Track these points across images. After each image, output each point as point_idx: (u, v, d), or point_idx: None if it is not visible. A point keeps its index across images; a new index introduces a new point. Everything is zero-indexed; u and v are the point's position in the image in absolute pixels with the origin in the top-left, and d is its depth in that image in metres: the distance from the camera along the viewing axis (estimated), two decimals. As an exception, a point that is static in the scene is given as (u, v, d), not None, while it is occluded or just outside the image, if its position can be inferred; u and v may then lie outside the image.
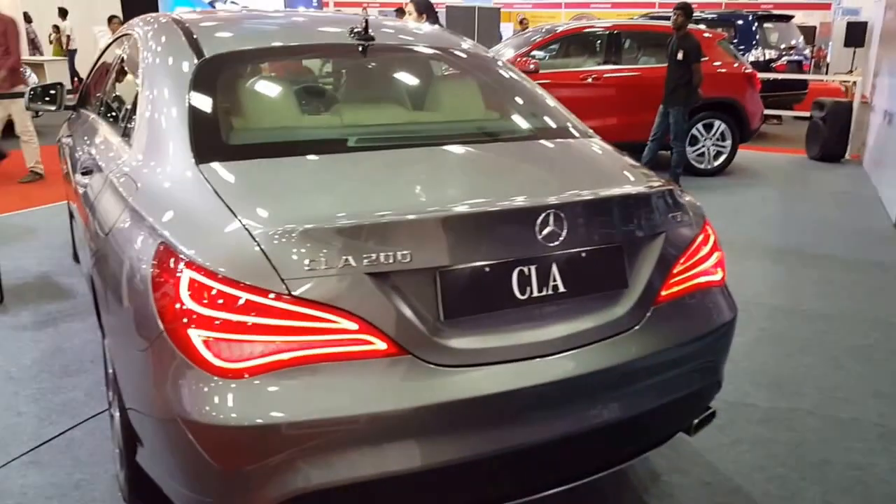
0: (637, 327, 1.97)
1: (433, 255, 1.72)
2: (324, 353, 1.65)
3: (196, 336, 1.63)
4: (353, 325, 1.66)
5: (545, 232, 1.84)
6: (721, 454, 2.78)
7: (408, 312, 1.70)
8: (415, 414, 1.66)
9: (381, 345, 1.67)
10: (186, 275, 1.67)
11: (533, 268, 1.83)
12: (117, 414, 2.30)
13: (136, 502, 2.30)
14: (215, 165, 1.98)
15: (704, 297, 2.17)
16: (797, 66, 12.36)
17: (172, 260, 1.71)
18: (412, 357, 1.69)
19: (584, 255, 1.90)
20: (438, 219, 1.77)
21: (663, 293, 2.05)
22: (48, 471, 2.60)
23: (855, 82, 11.27)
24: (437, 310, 1.73)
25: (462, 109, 2.75)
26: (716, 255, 2.23)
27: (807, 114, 10.57)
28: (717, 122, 8.51)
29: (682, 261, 2.10)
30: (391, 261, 1.68)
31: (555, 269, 1.86)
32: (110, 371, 2.37)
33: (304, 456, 1.62)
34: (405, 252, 1.69)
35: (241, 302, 1.62)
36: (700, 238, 2.19)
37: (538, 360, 1.81)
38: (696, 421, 2.24)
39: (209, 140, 2.08)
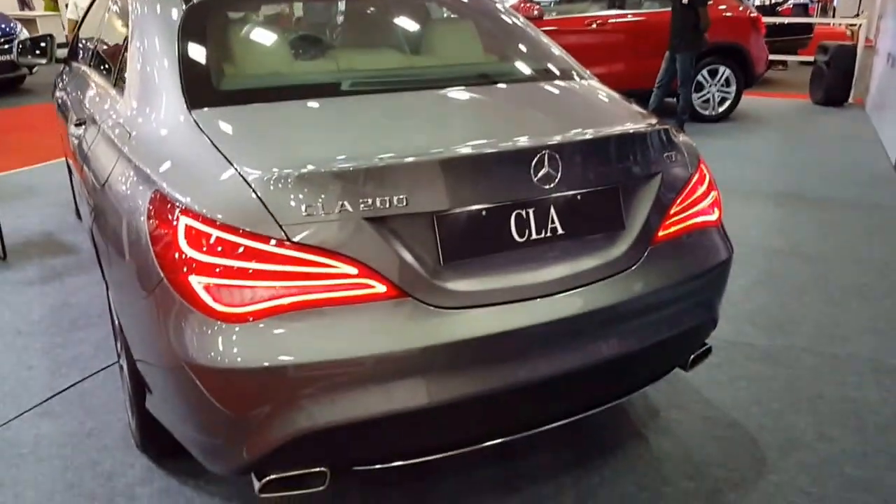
0: (634, 267, 2.00)
1: (430, 199, 1.74)
2: (325, 297, 1.68)
3: (196, 283, 1.67)
4: (353, 270, 1.69)
5: (540, 174, 1.85)
6: (719, 391, 2.83)
7: (407, 256, 1.73)
8: (415, 354, 1.70)
9: (381, 288, 1.70)
10: (183, 222, 1.70)
11: (531, 210, 1.85)
12: (126, 364, 2.36)
13: (147, 448, 2.38)
14: (208, 111, 1.98)
15: (701, 236, 2.19)
16: (803, 10, 12.21)
17: (168, 208, 1.74)
18: (412, 300, 1.72)
19: (580, 197, 1.92)
20: (434, 162, 1.78)
21: (660, 233, 2.07)
22: (60, 420, 2.67)
23: (860, 25, 11.11)
24: (436, 253, 1.76)
25: (459, 53, 2.74)
26: (712, 195, 2.24)
27: (811, 58, 10.45)
28: (721, 68, 8.42)
29: (678, 201, 2.12)
30: (387, 205, 1.70)
31: (553, 211, 1.88)
32: (116, 323, 2.42)
33: (309, 396, 1.67)
34: (401, 196, 1.71)
35: (239, 248, 1.66)
36: (696, 178, 2.20)
37: (538, 300, 1.84)
38: (691, 357, 2.28)
39: (201, 86, 2.08)
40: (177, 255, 1.69)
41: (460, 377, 1.76)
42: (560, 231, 1.89)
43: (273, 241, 1.65)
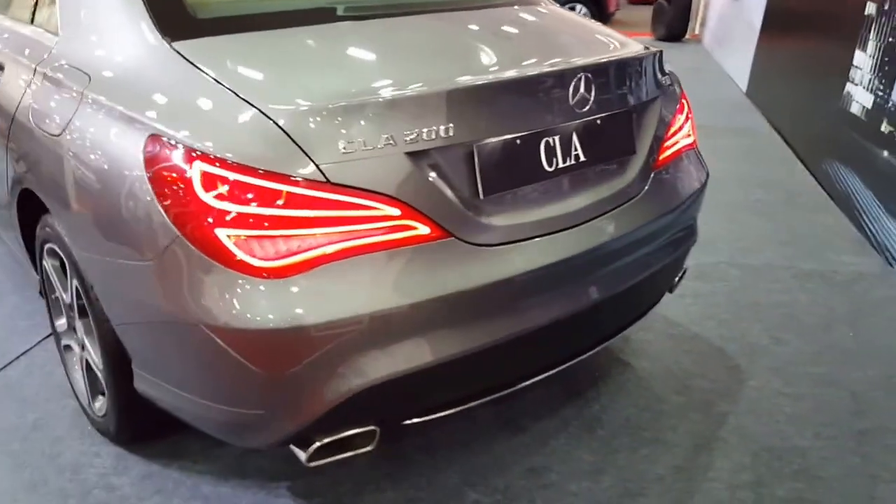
0: (643, 192, 2.01)
1: (472, 127, 1.64)
2: (368, 243, 1.54)
3: (225, 236, 1.48)
4: (396, 211, 1.56)
5: (577, 97, 1.79)
6: (672, 309, 2.95)
7: (448, 192, 1.62)
8: (465, 296, 1.62)
9: (424, 229, 1.59)
10: (198, 168, 1.49)
11: (556, 138, 1.79)
12: (86, 341, 2.08)
13: (121, 433, 2.12)
14: (192, 43, 1.73)
15: (688, 159, 2.25)
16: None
17: (173, 154, 1.52)
18: (454, 239, 1.63)
19: (599, 121, 1.88)
20: (479, 87, 1.67)
21: (660, 157, 2.09)
22: (-8, 416, 2.33)
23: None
24: (475, 187, 1.67)
25: None
26: (690, 119, 2.29)
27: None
28: (578, 6, 8.65)
29: (672, 124, 2.15)
30: (433, 136, 1.58)
31: (575, 138, 1.83)
32: (67, 296, 2.12)
33: (362, 351, 1.55)
34: (447, 126, 1.59)
35: (271, 194, 1.48)
36: (682, 101, 2.24)
37: (567, 231, 1.81)
38: (676, 278, 2.36)
39: (174, 15, 1.80)
40: (196, 207, 1.48)
41: (507, 316, 1.71)
42: (582, 158, 1.85)
43: (309, 183, 1.49)
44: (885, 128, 3.86)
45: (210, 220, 1.48)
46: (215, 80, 1.61)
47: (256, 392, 1.57)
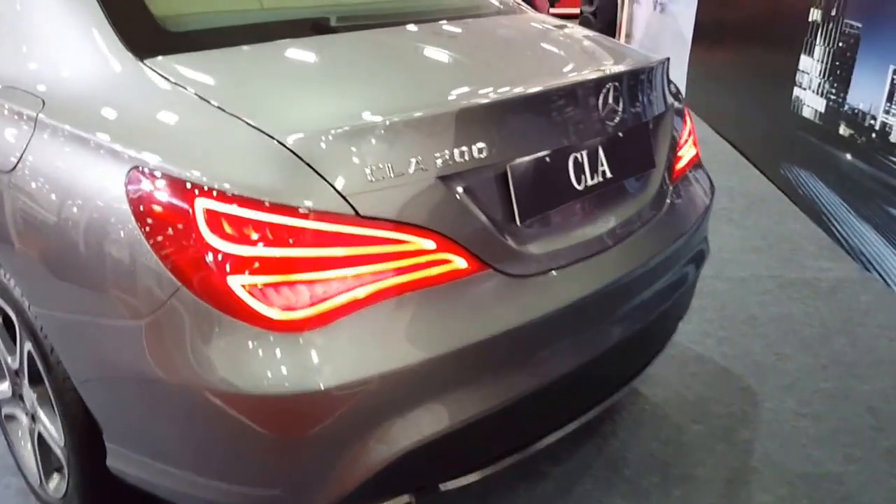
0: (666, 207, 1.86)
1: (505, 146, 1.43)
2: (401, 282, 1.31)
3: (239, 285, 1.22)
4: (431, 244, 1.34)
5: (607, 109, 1.63)
6: (667, 329, 2.81)
7: (483, 219, 1.41)
8: (513, 336, 1.41)
9: (460, 262, 1.38)
10: (200, 205, 1.23)
11: (584, 153, 1.61)
12: (40, 412, 1.77)
13: None
14: (168, 60, 1.46)
15: (697, 170, 2.11)
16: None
17: (167, 188, 1.25)
18: (493, 271, 1.42)
19: (622, 134, 1.71)
20: (512, 101, 1.47)
21: (675, 170, 1.94)
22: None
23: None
24: (511, 211, 1.47)
25: None
26: (693, 130, 2.16)
27: (576, 10, 11.05)
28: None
29: (682, 135, 2.00)
30: (466, 158, 1.36)
31: (601, 153, 1.66)
32: (13, 360, 1.80)
33: (400, 410, 1.32)
34: (480, 145, 1.38)
35: (291, 232, 1.23)
36: (686, 111, 2.10)
37: (603, 254, 1.62)
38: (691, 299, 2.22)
39: (142, 28, 1.53)
40: (201, 253, 1.23)
41: (553, 355, 1.53)
42: (608, 175, 1.68)
43: (335, 218, 1.25)
44: (843, 131, 3.86)
45: (220, 267, 1.22)
46: (206, 100, 1.35)
47: (275, 468, 1.32)
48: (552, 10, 11.78)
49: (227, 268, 1.23)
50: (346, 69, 1.59)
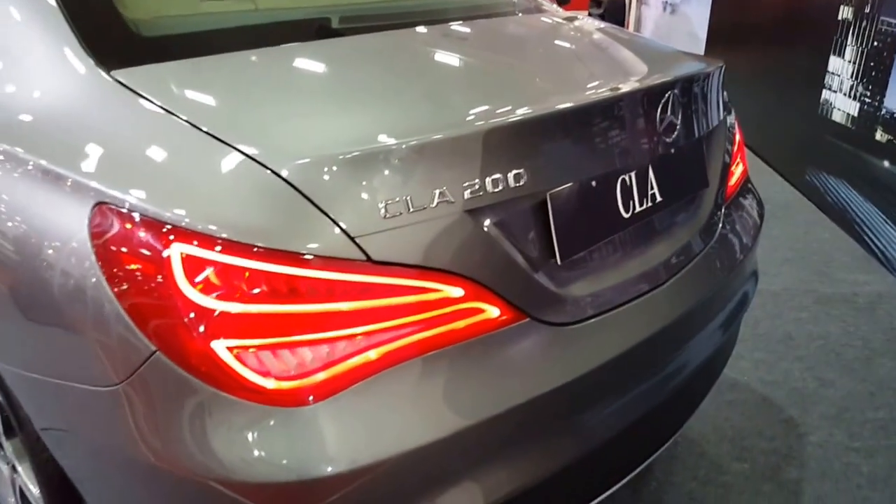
0: (720, 232, 1.64)
1: (544, 172, 1.21)
2: (423, 339, 1.10)
3: (224, 348, 1.01)
4: (459, 291, 1.12)
5: (660, 122, 1.41)
6: (699, 351, 2.63)
7: (519, 259, 1.20)
8: (555, 395, 1.20)
9: (493, 311, 1.16)
10: (177, 250, 1.01)
11: (633, 175, 1.39)
12: (18, 466, 1.60)
13: None
14: (142, 72, 1.24)
15: (747, 186, 1.90)
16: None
17: (138, 230, 1.04)
18: (530, 320, 1.20)
19: (674, 151, 1.49)
20: (551, 118, 1.24)
21: (729, 188, 1.73)
22: None
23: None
24: (550, 248, 1.25)
25: None
26: (742, 142, 1.95)
27: (583, 12, 10.89)
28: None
29: (735, 150, 1.79)
30: (500, 187, 1.14)
31: (651, 174, 1.43)
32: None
33: (433, 489, 1.13)
34: (517, 171, 1.16)
35: (289, 281, 1.02)
36: (737, 122, 1.89)
37: (655, 292, 1.41)
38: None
39: (110, 33, 1.31)
40: (178, 309, 1.01)
41: (601, 413, 1.32)
42: (658, 198, 1.45)
43: (343, 264, 1.03)
44: (880, 136, 3.67)
45: (201, 326, 1.01)
46: (186, 121, 1.13)
47: None
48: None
49: (210, 328, 1.01)
50: (352, 81, 1.37)
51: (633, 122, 1.37)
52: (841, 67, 4.21)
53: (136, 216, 1.04)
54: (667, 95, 1.42)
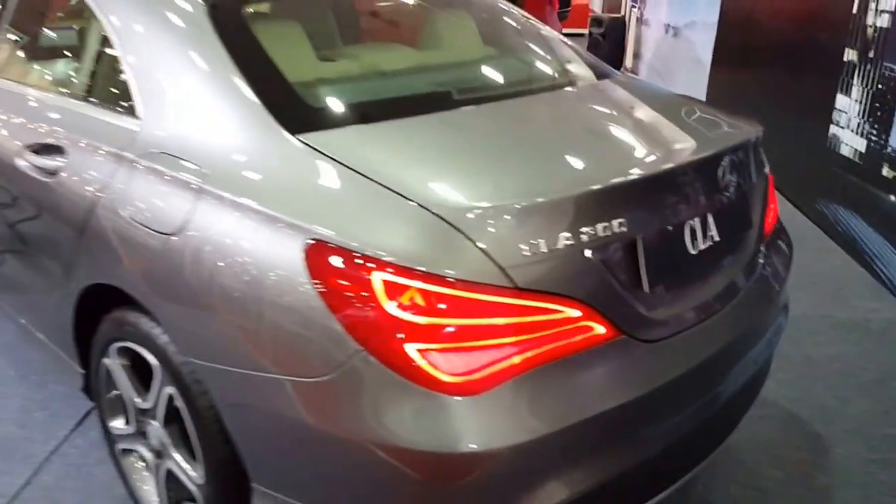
0: (762, 265, 1.97)
1: (639, 219, 1.55)
2: (552, 348, 1.42)
3: (414, 350, 1.33)
4: (578, 312, 1.44)
5: (726, 179, 1.75)
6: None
7: (618, 287, 1.52)
8: (645, 399, 1.52)
9: (600, 329, 1.48)
10: (378, 278, 1.34)
11: (697, 219, 1.72)
12: (172, 451, 1.84)
13: None
14: (320, 136, 1.59)
15: (780, 224, 2.22)
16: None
17: (348, 262, 1.37)
18: (627, 337, 1.52)
19: (727, 199, 1.81)
20: (646, 179, 1.62)
21: (766, 227, 2.05)
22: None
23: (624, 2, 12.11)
24: (641, 280, 1.57)
25: (518, 52, 2.50)
26: (772, 183, 2.26)
27: (583, 31, 11.25)
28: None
29: (771, 190, 2.11)
30: (609, 232, 1.48)
31: (710, 218, 1.76)
32: (144, 401, 1.87)
33: (548, 471, 1.43)
34: (621, 220, 1.50)
35: (458, 303, 1.35)
36: (768, 168, 2.19)
37: (717, 316, 1.73)
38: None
39: (288, 104, 1.68)
40: (382, 320, 1.34)
41: (677, 415, 1.64)
42: (716, 238, 1.78)
43: (497, 290, 1.36)
44: (886, 172, 3.96)
45: (398, 333, 1.34)
46: (367, 177, 1.46)
47: None
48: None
49: (405, 334, 1.33)
50: (488, 146, 1.72)
51: (699, 179, 1.72)
52: (848, 106, 4.51)
53: (343, 250, 1.37)
54: (725, 159, 1.77)
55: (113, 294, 1.83)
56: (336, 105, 1.83)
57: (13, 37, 2.44)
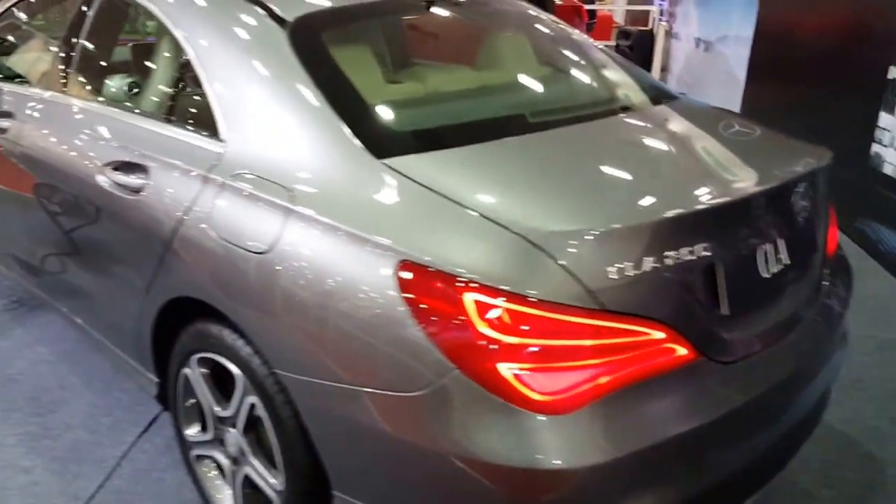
0: (828, 287, 2.01)
1: (719, 243, 1.59)
2: (636, 370, 1.47)
3: (506, 370, 1.38)
4: (661, 334, 1.49)
5: (798, 204, 1.80)
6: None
7: (700, 311, 1.57)
8: (726, 418, 1.56)
9: (682, 351, 1.52)
10: (470, 298, 1.39)
11: (770, 243, 1.76)
12: (251, 458, 1.91)
13: None
14: (406, 160, 1.65)
15: (839, 246, 2.25)
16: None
17: (439, 283, 1.42)
18: (706, 359, 1.56)
19: (796, 224, 1.86)
20: (729, 203, 1.66)
21: (829, 248, 2.08)
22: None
23: (652, 13, 12.13)
24: (720, 302, 1.61)
25: (572, 71, 2.53)
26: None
27: (611, 43, 11.27)
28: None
29: (833, 211, 2.14)
30: (692, 256, 1.52)
31: (782, 243, 1.80)
32: (224, 409, 1.94)
33: (632, 488, 1.48)
34: (704, 244, 1.54)
35: (548, 324, 1.40)
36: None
37: (784, 340, 1.77)
38: None
39: (371, 128, 1.75)
40: (475, 340, 1.39)
41: (752, 436, 1.69)
42: (786, 261, 1.81)
43: (586, 312, 1.41)
44: (932, 194, 3.97)
45: (491, 353, 1.39)
46: (453, 200, 1.53)
47: None
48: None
49: (498, 354, 1.39)
50: (567, 168, 1.78)
51: (774, 204, 1.77)
52: (891, 124, 4.50)
53: (435, 270, 1.41)
54: (799, 184, 1.82)
55: (194, 307, 1.90)
56: (415, 129, 1.89)
57: (86, 55, 2.52)
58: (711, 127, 2.23)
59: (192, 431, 2.11)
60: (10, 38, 3.21)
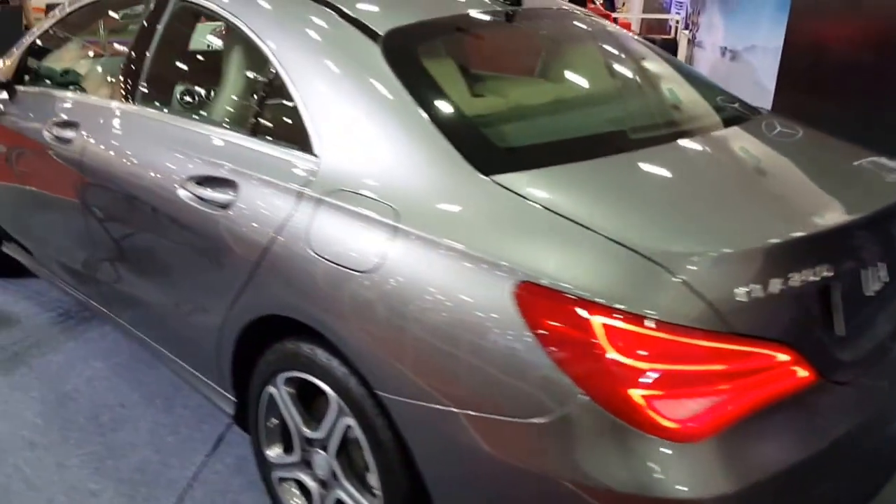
0: None
1: (838, 265, 1.57)
2: (763, 393, 1.42)
3: (638, 396, 1.33)
4: (786, 356, 1.44)
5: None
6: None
7: (819, 332, 1.54)
8: (845, 438, 1.55)
9: (803, 373, 1.48)
10: (599, 322, 1.34)
11: (876, 262, 1.72)
12: (344, 482, 1.85)
13: None
14: (512, 177, 1.60)
15: None
16: (610, 5, 12.98)
17: (565, 306, 1.37)
18: (824, 380, 1.52)
19: (892, 238, 1.82)
20: (846, 225, 1.64)
21: None
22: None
23: (676, 21, 12.10)
24: (831, 322, 1.57)
25: (656, 85, 2.47)
26: None
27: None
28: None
29: None
30: (815, 278, 1.49)
31: (883, 262, 1.77)
32: (312, 431, 1.88)
33: None
34: (826, 266, 1.51)
35: (677, 349, 1.35)
36: None
37: (888, 357, 1.75)
38: None
39: (474, 144, 1.70)
40: (606, 366, 1.33)
41: (867, 453, 1.69)
42: (886, 279, 1.77)
43: (716, 336, 1.36)
44: None
45: (622, 378, 1.34)
46: (571, 219, 1.48)
47: None
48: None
49: (629, 381, 1.33)
50: (680, 187, 1.76)
51: (881, 224, 1.74)
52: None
53: (558, 292, 1.36)
54: None
55: (282, 325, 1.85)
56: (517, 145, 1.84)
57: (159, 66, 2.47)
58: (809, 146, 2.21)
59: (273, 453, 2.06)
60: (64, 45, 3.18)
